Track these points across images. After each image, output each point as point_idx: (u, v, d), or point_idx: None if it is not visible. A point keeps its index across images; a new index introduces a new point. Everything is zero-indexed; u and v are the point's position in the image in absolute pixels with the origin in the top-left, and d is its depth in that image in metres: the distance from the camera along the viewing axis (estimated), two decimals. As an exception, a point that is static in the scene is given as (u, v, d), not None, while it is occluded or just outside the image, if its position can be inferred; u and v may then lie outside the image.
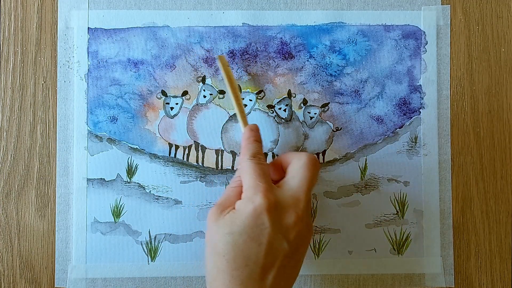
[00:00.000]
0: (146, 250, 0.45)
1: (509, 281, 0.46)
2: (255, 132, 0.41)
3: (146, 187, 0.45)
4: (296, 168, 0.38)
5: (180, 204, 0.45)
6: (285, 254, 0.35)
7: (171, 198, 0.45)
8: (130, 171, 0.45)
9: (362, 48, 0.46)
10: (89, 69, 0.46)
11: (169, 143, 0.46)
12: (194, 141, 0.46)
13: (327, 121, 0.46)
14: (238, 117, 0.43)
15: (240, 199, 0.37)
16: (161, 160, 0.45)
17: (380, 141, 0.46)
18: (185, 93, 0.46)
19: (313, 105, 0.46)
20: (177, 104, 0.46)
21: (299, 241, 0.36)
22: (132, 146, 0.45)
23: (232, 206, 0.37)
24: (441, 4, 0.46)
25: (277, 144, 0.46)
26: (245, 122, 0.42)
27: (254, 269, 0.35)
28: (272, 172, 0.40)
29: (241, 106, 0.43)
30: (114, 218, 0.45)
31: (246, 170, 0.38)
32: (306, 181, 0.37)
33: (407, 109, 0.46)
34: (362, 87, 0.46)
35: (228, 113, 0.46)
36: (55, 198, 0.45)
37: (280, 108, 0.46)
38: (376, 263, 0.45)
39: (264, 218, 0.35)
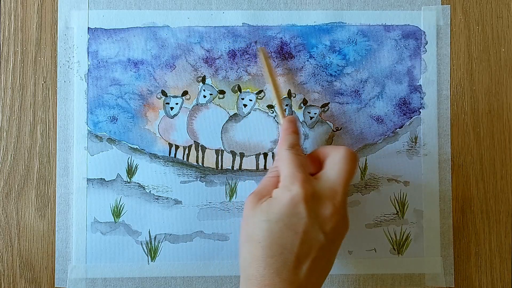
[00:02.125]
0: (146, 250, 0.45)
1: (509, 281, 0.46)
2: (293, 124, 0.41)
3: (146, 187, 0.45)
4: (335, 161, 0.38)
5: (180, 204, 0.45)
6: (320, 245, 0.35)
7: (171, 198, 0.45)
8: (130, 171, 0.45)
9: (362, 48, 0.46)
10: (89, 69, 0.46)
11: (169, 143, 0.46)
12: (194, 141, 0.46)
13: (327, 121, 0.46)
14: (277, 108, 0.43)
15: (277, 188, 0.37)
16: (161, 160, 0.45)
17: (380, 141, 0.46)
18: (185, 93, 0.46)
19: (313, 105, 0.46)
20: (177, 104, 0.46)
21: (335, 234, 0.36)
22: (132, 146, 0.45)
23: (269, 195, 0.37)
24: (441, 4, 0.46)
25: (277, 144, 0.46)
26: (283, 114, 0.43)
27: (288, 257, 0.35)
28: (309, 164, 0.39)
29: (280, 98, 0.43)
30: (114, 218, 0.45)
31: (284, 160, 0.38)
32: (344, 174, 0.37)
33: (407, 109, 0.46)
34: (362, 87, 0.46)
35: (228, 113, 0.46)
36: (55, 198, 0.45)
37: (280, 108, 0.46)
38: (376, 263, 0.45)
39: (301, 207, 0.35)
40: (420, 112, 0.46)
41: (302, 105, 0.46)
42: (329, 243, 0.36)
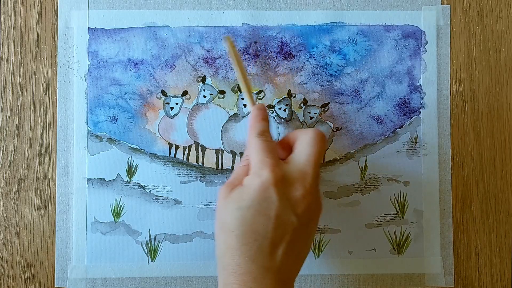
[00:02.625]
0: (146, 250, 0.45)
1: (509, 281, 0.46)
2: (263, 111, 0.41)
3: (146, 187, 0.45)
4: (303, 144, 0.38)
5: (180, 204, 0.45)
6: (294, 227, 0.35)
7: (171, 198, 0.45)
8: (130, 171, 0.45)
9: (362, 48, 0.46)
10: (89, 69, 0.46)
11: (169, 143, 0.46)
12: (194, 141, 0.46)
13: (327, 121, 0.46)
14: (246, 96, 0.43)
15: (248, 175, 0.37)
16: (161, 160, 0.45)
17: (380, 141, 0.46)
18: (185, 93, 0.46)
19: (313, 105, 0.46)
20: (177, 104, 0.46)
21: (308, 215, 0.36)
22: (132, 146, 0.45)
23: (241, 184, 0.37)
24: (441, 4, 0.46)
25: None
26: (253, 102, 0.42)
27: (263, 243, 0.35)
28: (280, 150, 0.39)
29: (248, 86, 0.43)
30: (114, 218, 0.45)
31: (254, 147, 0.38)
32: (313, 156, 0.37)
33: (407, 109, 0.46)
34: (362, 87, 0.46)
35: (228, 113, 0.46)
36: (55, 198, 0.45)
37: (280, 108, 0.46)
38: (376, 263, 0.45)
39: (271, 192, 0.35)
40: (420, 112, 0.46)
41: (302, 105, 0.46)
42: (303, 225, 0.36)
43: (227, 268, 0.35)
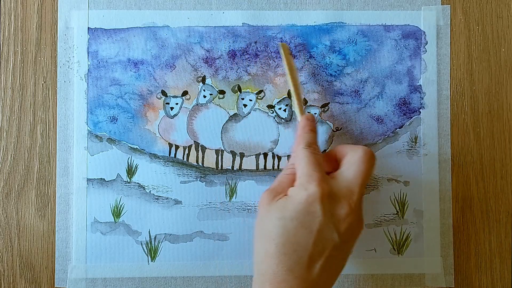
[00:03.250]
0: (146, 250, 0.45)
1: (509, 281, 0.46)
2: (311, 122, 0.41)
3: (146, 187, 0.45)
4: (352, 161, 0.38)
5: (180, 204, 0.45)
6: (334, 245, 0.35)
7: (171, 198, 0.45)
8: (130, 171, 0.45)
9: (362, 48, 0.46)
10: (89, 69, 0.46)
11: (169, 143, 0.46)
12: (194, 141, 0.46)
13: (327, 121, 0.46)
14: (295, 106, 0.42)
15: (293, 186, 0.37)
16: (161, 160, 0.45)
17: (380, 141, 0.46)
18: (185, 93, 0.46)
19: (313, 105, 0.46)
20: (177, 104, 0.46)
21: (349, 234, 0.36)
22: (132, 146, 0.45)
23: (285, 192, 0.37)
24: (441, 4, 0.46)
25: (277, 144, 0.46)
26: (302, 111, 0.42)
27: (302, 256, 0.35)
28: (325, 163, 0.39)
29: (299, 95, 0.43)
30: (114, 218, 0.45)
31: (301, 158, 0.38)
32: (362, 174, 0.37)
33: (407, 109, 0.46)
34: (362, 87, 0.46)
35: (228, 113, 0.46)
36: (55, 198, 0.45)
37: (280, 108, 0.46)
38: (376, 263, 0.45)
39: (316, 206, 0.35)
40: (420, 112, 0.46)
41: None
42: (343, 243, 0.36)
43: (264, 274, 0.35)
